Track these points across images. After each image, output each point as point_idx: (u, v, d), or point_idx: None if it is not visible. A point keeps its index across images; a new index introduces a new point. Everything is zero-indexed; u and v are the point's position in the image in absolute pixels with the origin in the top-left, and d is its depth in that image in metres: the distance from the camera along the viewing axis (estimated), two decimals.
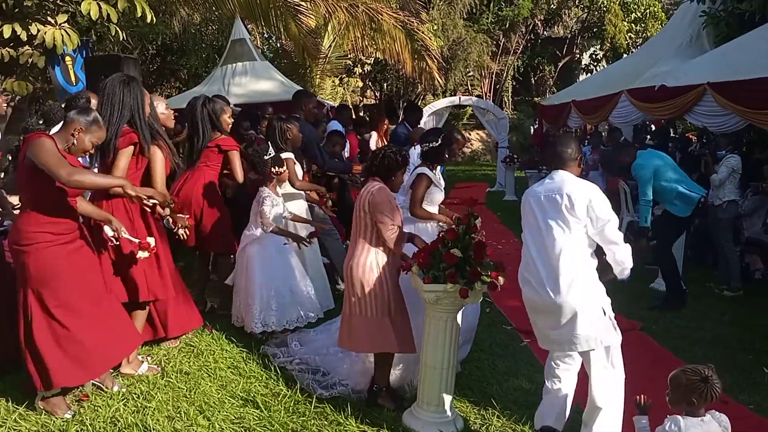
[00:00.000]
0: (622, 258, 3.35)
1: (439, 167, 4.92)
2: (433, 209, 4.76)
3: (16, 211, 4.44)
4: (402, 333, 3.89)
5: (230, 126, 5.66)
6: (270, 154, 5.09)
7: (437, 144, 4.75)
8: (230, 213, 5.52)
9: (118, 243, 3.93)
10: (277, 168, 5.05)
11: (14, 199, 5.60)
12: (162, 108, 4.76)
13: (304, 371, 4.44)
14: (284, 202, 5.25)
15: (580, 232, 3.31)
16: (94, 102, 4.90)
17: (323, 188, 6.15)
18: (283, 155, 5.35)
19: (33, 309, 3.59)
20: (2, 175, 4.06)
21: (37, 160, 3.41)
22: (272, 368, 4.45)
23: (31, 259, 3.56)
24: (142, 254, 4.00)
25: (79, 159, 3.84)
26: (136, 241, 3.96)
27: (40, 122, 4.01)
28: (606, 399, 3.35)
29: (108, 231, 3.84)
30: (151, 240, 4.05)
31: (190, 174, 5.35)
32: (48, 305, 3.59)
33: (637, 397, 2.82)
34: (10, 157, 3.84)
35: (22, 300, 3.64)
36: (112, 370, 4.18)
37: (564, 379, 3.53)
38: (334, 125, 8.22)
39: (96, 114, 3.75)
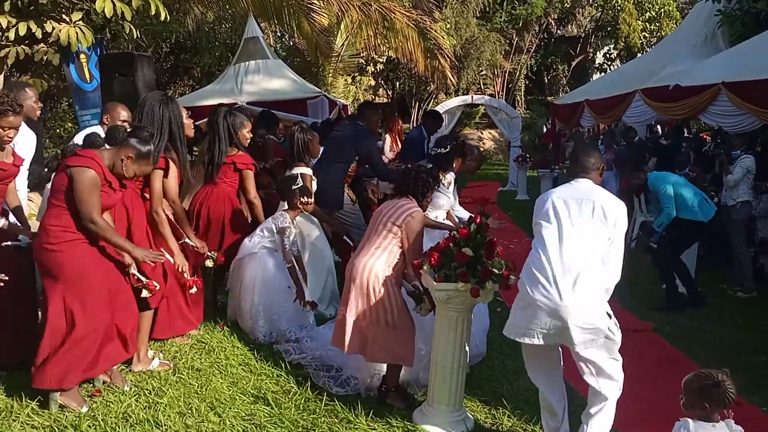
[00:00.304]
0: (616, 274, 3.33)
1: (449, 173, 4.92)
2: (440, 213, 4.82)
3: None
4: (401, 344, 3.87)
5: (248, 140, 5.54)
6: (298, 184, 5.08)
7: (446, 151, 4.76)
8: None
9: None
10: (305, 198, 5.05)
11: (33, 195, 5.65)
12: (183, 118, 4.76)
13: (318, 369, 4.45)
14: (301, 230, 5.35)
15: (604, 240, 3.28)
16: (124, 113, 4.92)
17: (339, 227, 5.89)
18: (302, 170, 5.36)
19: (59, 309, 3.61)
20: (53, 175, 4.08)
21: (76, 187, 3.51)
22: (283, 365, 4.46)
23: (61, 258, 3.59)
24: (145, 293, 4.04)
25: None
26: (144, 280, 3.99)
27: (100, 138, 4.08)
28: (612, 390, 3.32)
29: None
30: (156, 284, 4.07)
31: (209, 190, 5.31)
32: (66, 303, 3.62)
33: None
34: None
35: (49, 299, 3.67)
36: (124, 366, 4.21)
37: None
38: None
39: (151, 149, 3.78)
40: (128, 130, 4.17)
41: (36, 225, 4.27)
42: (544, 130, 19.75)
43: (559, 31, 27.09)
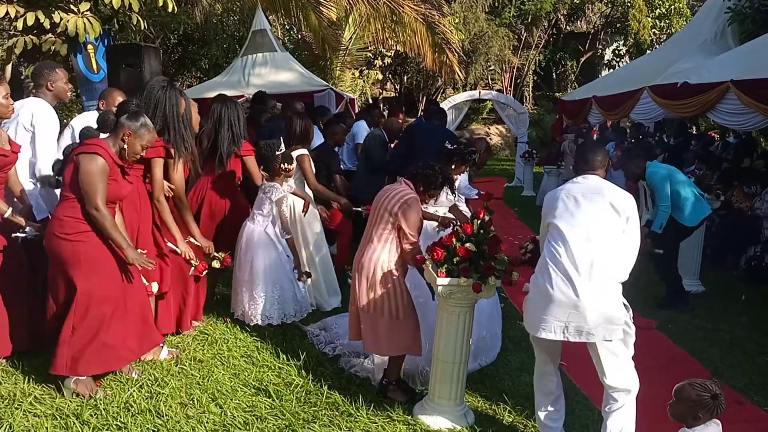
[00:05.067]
0: (629, 266, 3.34)
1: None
2: (441, 209, 4.82)
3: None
4: (407, 334, 3.90)
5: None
6: (281, 150, 5.08)
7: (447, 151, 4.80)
8: None
9: None
10: (286, 165, 5.04)
11: None
12: (193, 112, 4.72)
13: (348, 354, 4.53)
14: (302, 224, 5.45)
15: (618, 233, 3.28)
16: (120, 99, 4.87)
17: (345, 200, 5.79)
18: (298, 152, 5.36)
19: (74, 297, 3.66)
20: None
21: (82, 172, 3.54)
22: (285, 357, 4.47)
23: (77, 248, 3.63)
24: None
25: None
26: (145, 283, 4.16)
27: (94, 131, 4.07)
28: (632, 382, 3.33)
29: None
30: (154, 285, 4.25)
31: (210, 180, 5.15)
32: (80, 291, 3.66)
33: None
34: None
35: (62, 288, 3.72)
36: None
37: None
38: (362, 126, 8.06)
39: (145, 119, 3.80)
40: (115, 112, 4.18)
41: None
42: None
43: (568, 26, 26.92)
